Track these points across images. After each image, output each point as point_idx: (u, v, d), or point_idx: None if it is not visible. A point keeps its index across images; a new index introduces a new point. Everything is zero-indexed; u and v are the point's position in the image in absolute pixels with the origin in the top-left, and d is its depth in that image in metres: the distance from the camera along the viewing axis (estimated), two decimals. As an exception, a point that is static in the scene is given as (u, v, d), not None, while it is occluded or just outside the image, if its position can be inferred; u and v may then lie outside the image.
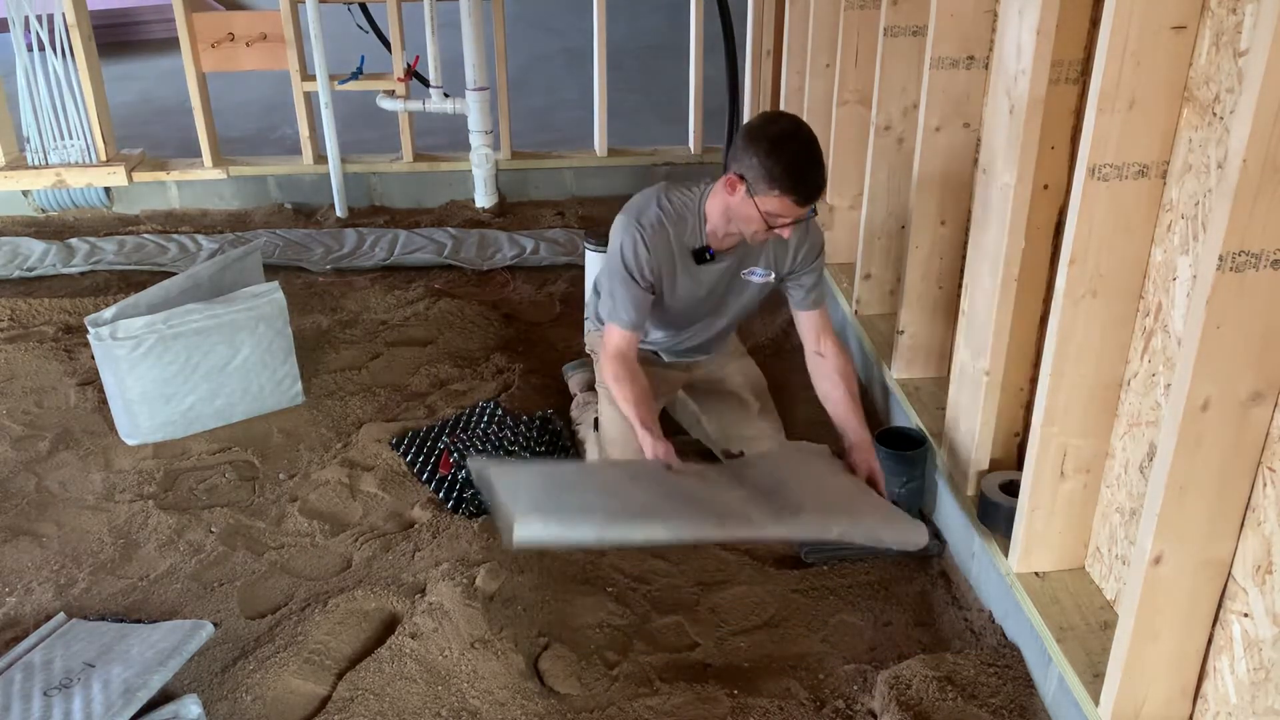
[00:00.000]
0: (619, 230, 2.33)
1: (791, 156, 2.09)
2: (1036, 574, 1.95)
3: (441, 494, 2.49)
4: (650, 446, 2.19)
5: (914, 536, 2.07)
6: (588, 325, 2.68)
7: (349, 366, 3.07)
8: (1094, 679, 1.70)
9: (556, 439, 2.63)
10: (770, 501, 2.02)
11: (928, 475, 2.40)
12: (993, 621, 2.11)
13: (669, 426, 2.63)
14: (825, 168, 2.14)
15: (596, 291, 2.58)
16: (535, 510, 1.84)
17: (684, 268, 2.33)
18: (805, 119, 3.55)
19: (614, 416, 2.50)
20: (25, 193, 4.34)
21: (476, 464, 2.22)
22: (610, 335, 2.35)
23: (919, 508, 2.40)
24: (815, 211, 2.22)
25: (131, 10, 7.27)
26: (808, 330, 2.44)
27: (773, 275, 2.40)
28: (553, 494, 1.99)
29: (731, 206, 2.19)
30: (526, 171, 4.55)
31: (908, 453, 2.35)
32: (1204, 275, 1.35)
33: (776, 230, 2.17)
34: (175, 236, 4.07)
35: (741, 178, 2.13)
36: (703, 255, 2.31)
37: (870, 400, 2.84)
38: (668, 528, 1.94)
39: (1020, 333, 2.05)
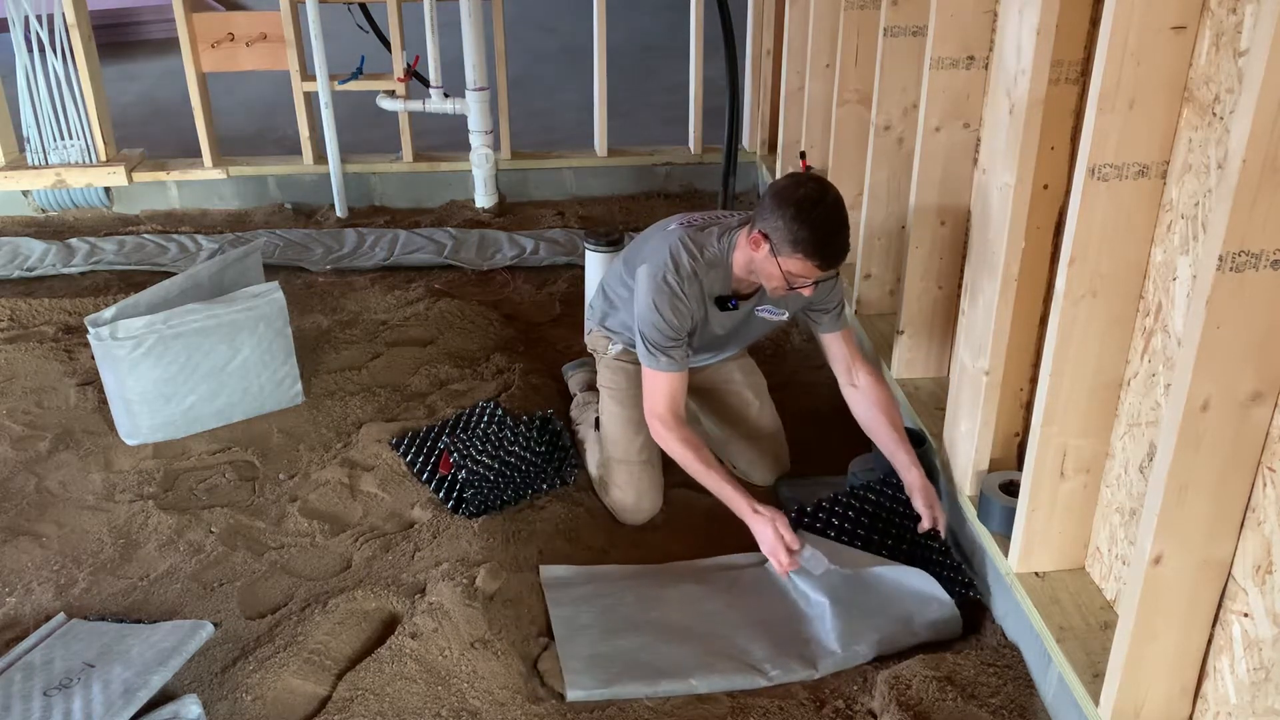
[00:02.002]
0: (653, 283, 2.26)
1: (817, 222, 2.09)
2: (1036, 574, 1.95)
3: (441, 494, 2.49)
4: (768, 531, 2.15)
5: (941, 618, 2.10)
6: (588, 326, 2.68)
7: (349, 366, 3.07)
8: (1094, 679, 1.70)
9: (556, 439, 2.63)
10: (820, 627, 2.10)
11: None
12: (993, 621, 2.11)
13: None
14: (850, 232, 2.15)
15: (606, 295, 2.57)
16: (587, 671, 2.01)
17: (710, 313, 2.34)
18: (805, 119, 3.59)
19: (615, 415, 2.50)
20: (25, 193, 4.34)
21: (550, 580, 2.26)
22: (656, 384, 2.29)
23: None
24: (838, 275, 2.23)
25: (131, 10, 7.26)
26: (837, 357, 2.43)
27: (785, 315, 2.42)
28: (607, 638, 2.10)
29: (755, 261, 2.20)
30: (526, 171, 4.54)
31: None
32: (1204, 275, 1.35)
33: (797, 290, 2.19)
34: (175, 236, 4.07)
35: (766, 236, 2.14)
36: (726, 303, 2.32)
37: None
38: (715, 681, 2.01)
39: (1020, 333, 2.05)
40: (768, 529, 2.15)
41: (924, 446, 2.36)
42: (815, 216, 2.09)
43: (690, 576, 2.28)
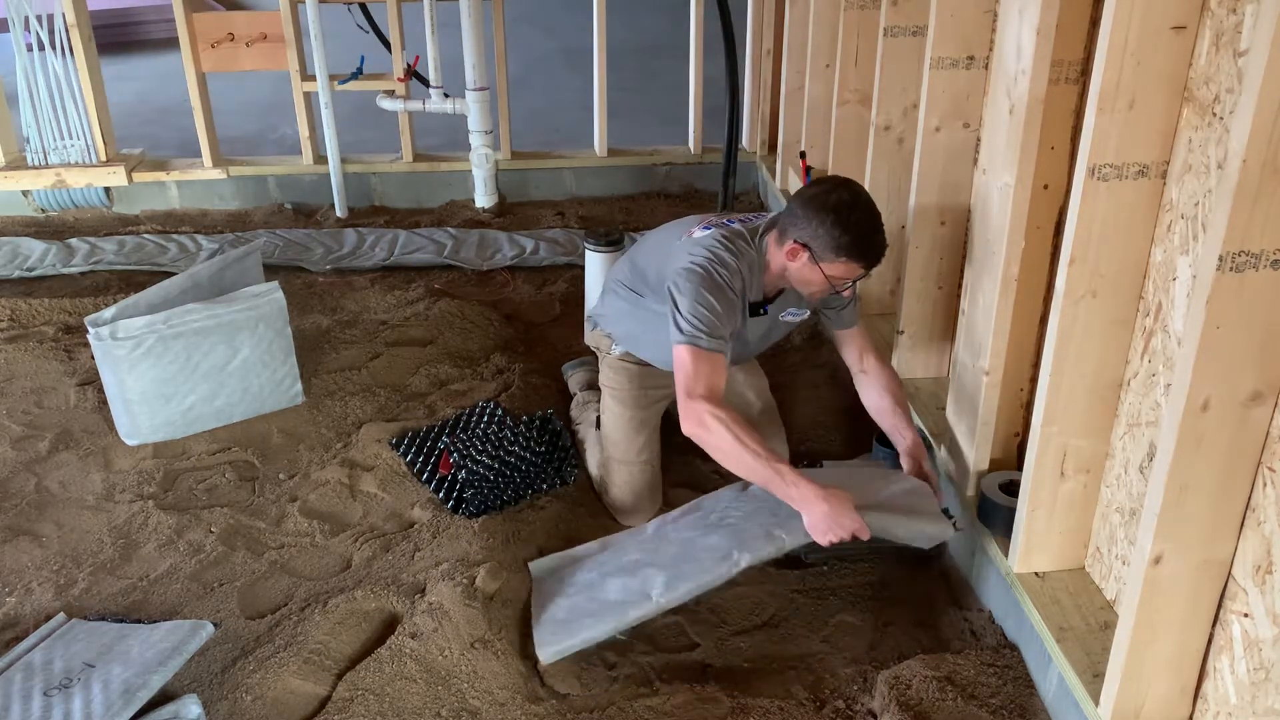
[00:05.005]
0: (699, 276, 2.15)
1: (859, 225, 2.11)
2: (1036, 574, 1.95)
3: (441, 494, 2.49)
4: (800, 493, 2.01)
5: (931, 531, 2.10)
6: (588, 325, 2.68)
7: (349, 366, 3.07)
8: (1094, 679, 1.71)
9: (556, 439, 2.63)
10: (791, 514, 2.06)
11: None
12: (993, 621, 2.11)
13: (669, 427, 2.63)
14: (884, 228, 2.17)
15: (608, 299, 2.55)
16: (553, 631, 2.03)
17: (742, 319, 2.30)
18: (805, 119, 3.59)
19: (616, 415, 2.50)
20: (25, 193, 4.34)
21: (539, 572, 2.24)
22: (692, 363, 2.09)
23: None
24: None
25: (131, 10, 7.26)
26: (850, 350, 2.44)
27: (807, 313, 2.42)
28: (571, 594, 2.12)
29: (791, 271, 2.19)
30: (526, 171, 4.54)
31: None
32: (1204, 275, 1.35)
33: (841, 292, 2.21)
34: (175, 236, 4.07)
35: (805, 246, 2.13)
36: (758, 309, 2.31)
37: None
38: (683, 583, 2.01)
39: (1020, 333, 2.06)
40: (846, 509, 1.99)
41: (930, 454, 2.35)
42: (855, 220, 2.11)
43: (666, 521, 2.29)
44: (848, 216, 2.10)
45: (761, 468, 2.03)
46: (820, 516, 1.99)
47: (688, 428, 2.10)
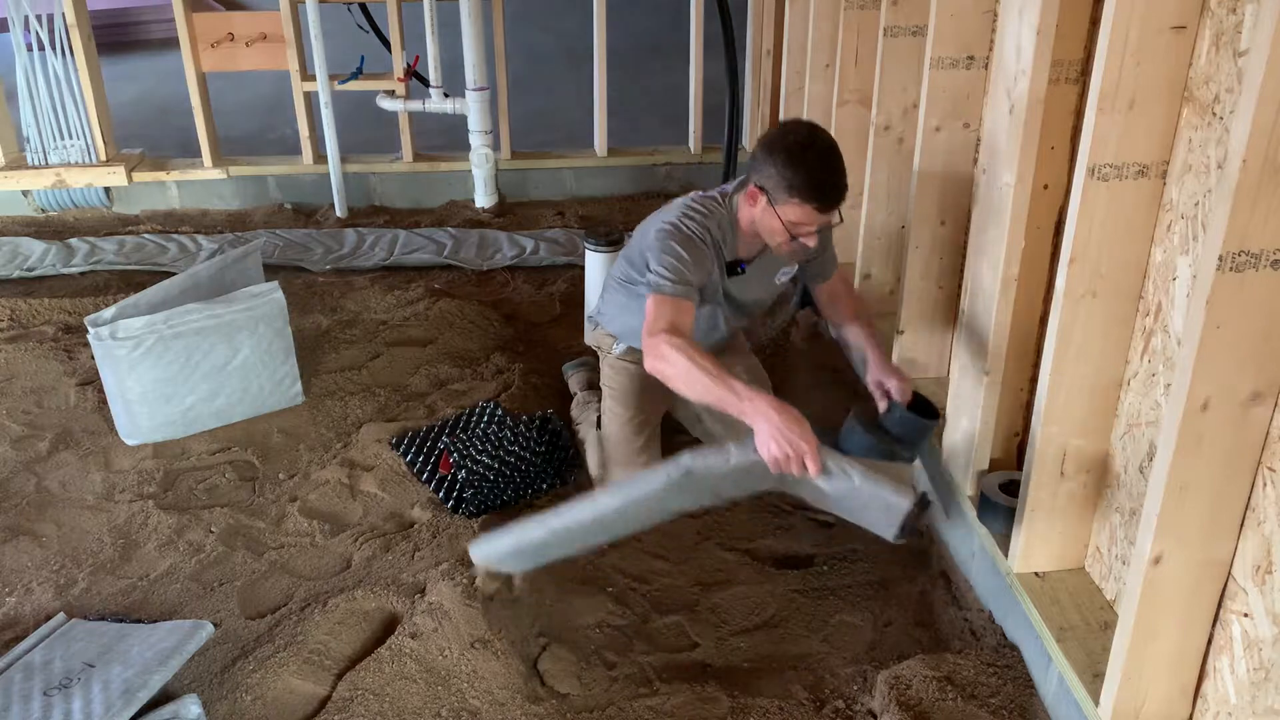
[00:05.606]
0: (665, 232, 2.19)
1: (810, 164, 2.07)
2: (1036, 574, 1.95)
3: (441, 494, 2.49)
4: (755, 406, 1.88)
5: (891, 500, 1.89)
6: (588, 325, 2.68)
7: (349, 366, 3.07)
8: (1094, 679, 1.70)
9: (556, 439, 2.63)
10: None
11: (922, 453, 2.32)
12: (993, 621, 2.11)
13: (670, 426, 2.63)
14: (845, 172, 2.11)
15: (608, 296, 2.56)
16: (488, 538, 2.01)
17: (723, 279, 2.29)
18: (805, 119, 3.58)
19: (617, 417, 2.50)
20: (25, 193, 4.34)
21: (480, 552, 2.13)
22: (661, 307, 2.08)
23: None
24: (841, 218, 2.16)
25: (131, 10, 7.26)
26: (822, 297, 2.46)
27: (795, 269, 2.41)
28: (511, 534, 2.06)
29: (755, 219, 2.18)
30: (526, 171, 4.54)
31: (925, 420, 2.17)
32: (1204, 275, 1.35)
33: (801, 240, 2.15)
34: (175, 236, 4.07)
35: (762, 189, 2.12)
36: (735, 269, 2.29)
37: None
38: (627, 488, 1.93)
39: (1020, 333, 2.05)
40: (799, 428, 1.86)
41: (936, 419, 2.21)
42: (808, 159, 2.06)
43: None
44: (800, 155, 2.07)
45: (716, 386, 1.94)
46: (770, 429, 1.85)
47: (648, 363, 2.05)
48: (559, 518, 1.96)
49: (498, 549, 1.98)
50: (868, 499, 1.89)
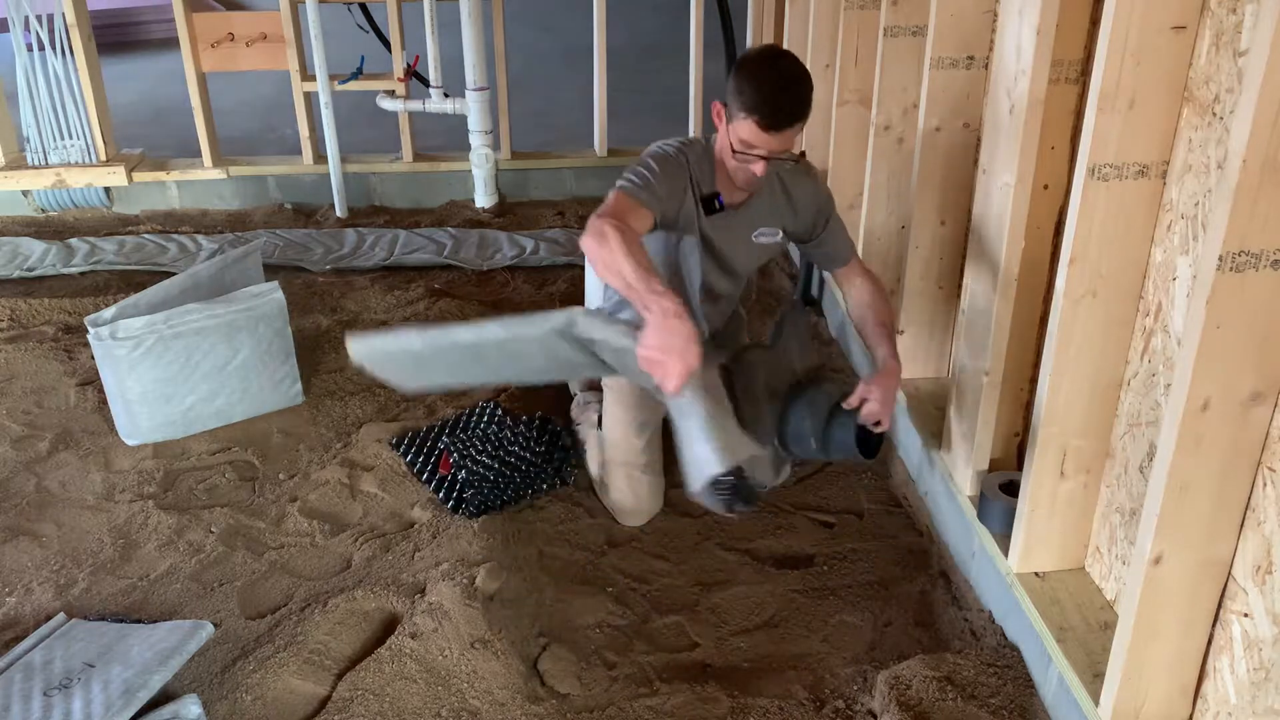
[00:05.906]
0: (647, 152, 2.21)
1: (766, 80, 2.02)
2: (1036, 574, 1.95)
3: (441, 494, 2.49)
4: (660, 303, 1.77)
5: (735, 443, 1.86)
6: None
7: (349, 366, 3.07)
8: (1094, 679, 1.70)
9: (556, 439, 2.63)
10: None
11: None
12: (993, 621, 2.11)
13: (670, 426, 2.63)
14: (804, 101, 2.03)
15: (608, 295, 2.55)
16: (370, 337, 1.96)
17: (700, 215, 2.23)
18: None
19: (617, 418, 2.49)
20: (25, 193, 4.34)
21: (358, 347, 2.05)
22: (614, 200, 2.03)
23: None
24: (803, 155, 2.05)
25: (131, 10, 7.26)
26: (843, 276, 2.41)
27: (780, 234, 2.35)
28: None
29: (720, 142, 2.16)
30: (526, 171, 4.54)
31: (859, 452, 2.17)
32: (1204, 275, 1.35)
33: (751, 168, 2.08)
34: (175, 236, 4.07)
35: (725, 105, 2.10)
36: (712, 203, 2.21)
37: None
38: (514, 324, 1.90)
39: (1020, 333, 2.05)
40: (687, 346, 1.74)
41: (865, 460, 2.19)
42: (765, 75, 2.03)
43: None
44: (757, 70, 2.03)
45: (635, 275, 1.81)
46: (658, 330, 1.75)
47: (584, 240, 1.92)
48: (439, 331, 1.91)
49: (376, 348, 1.93)
50: (692, 441, 1.88)
